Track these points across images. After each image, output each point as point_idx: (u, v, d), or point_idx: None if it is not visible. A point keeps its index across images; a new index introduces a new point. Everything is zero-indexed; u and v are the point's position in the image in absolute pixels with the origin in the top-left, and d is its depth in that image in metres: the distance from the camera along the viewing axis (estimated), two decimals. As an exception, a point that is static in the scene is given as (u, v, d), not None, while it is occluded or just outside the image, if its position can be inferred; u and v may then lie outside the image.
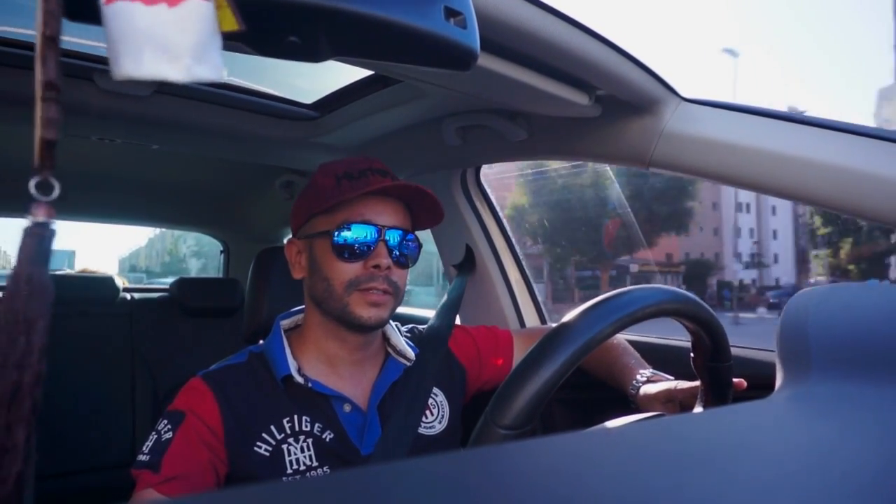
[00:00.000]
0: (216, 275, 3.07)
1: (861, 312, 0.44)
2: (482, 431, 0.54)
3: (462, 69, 0.54)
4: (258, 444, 0.84)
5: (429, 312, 1.93)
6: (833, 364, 0.42)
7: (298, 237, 0.95)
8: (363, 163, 0.91)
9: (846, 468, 0.28)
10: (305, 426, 0.86)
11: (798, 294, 0.49)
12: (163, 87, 1.21)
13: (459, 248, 1.52)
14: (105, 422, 1.86)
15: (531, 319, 1.50)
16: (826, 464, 0.29)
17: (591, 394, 1.14)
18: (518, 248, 1.53)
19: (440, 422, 0.98)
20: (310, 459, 0.85)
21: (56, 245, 0.28)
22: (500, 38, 0.75)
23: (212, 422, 0.83)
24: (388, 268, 0.87)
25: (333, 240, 0.86)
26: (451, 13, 0.50)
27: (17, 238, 0.28)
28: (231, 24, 0.35)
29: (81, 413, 1.83)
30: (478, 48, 0.52)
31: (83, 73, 1.11)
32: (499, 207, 1.55)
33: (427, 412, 0.96)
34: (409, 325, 1.09)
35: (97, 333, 1.96)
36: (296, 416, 0.87)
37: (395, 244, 0.89)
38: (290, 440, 0.85)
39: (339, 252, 0.86)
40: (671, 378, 0.97)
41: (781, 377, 0.45)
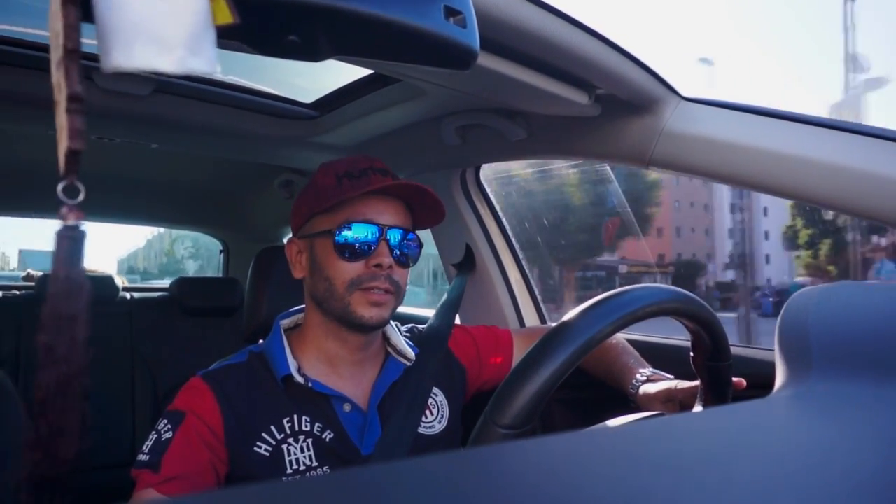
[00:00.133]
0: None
1: (861, 311, 0.44)
2: (482, 431, 0.54)
3: (462, 68, 0.54)
4: (258, 444, 0.84)
5: (423, 311, 1.93)
6: (833, 363, 0.42)
7: (299, 237, 0.94)
8: (364, 162, 0.91)
9: (846, 467, 0.28)
10: (305, 426, 0.86)
11: (798, 293, 0.49)
12: (162, 87, 1.20)
13: (459, 248, 1.52)
14: (105, 421, 1.86)
15: (531, 319, 1.50)
16: (826, 463, 0.29)
17: (591, 393, 1.14)
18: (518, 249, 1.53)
19: (440, 422, 0.98)
20: (310, 459, 0.85)
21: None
22: (500, 38, 0.75)
23: (212, 421, 0.83)
24: (390, 267, 0.87)
25: (335, 239, 0.86)
26: (451, 12, 0.50)
27: (52, 241, 0.29)
28: (226, 17, 0.34)
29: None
30: (477, 47, 0.52)
31: (82, 73, 1.11)
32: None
33: (427, 412, 0.96)
34: (409, 325, 1.09)
35: (96, 333, 1.91)
36: (296, 416, 0.86)
37: (397, 243, 0.89)
38: (290, 440, 0.85)
39: (341, 251, 0.86)
40: (671, 377, 0.97)
41: (781, 376, 0.45)
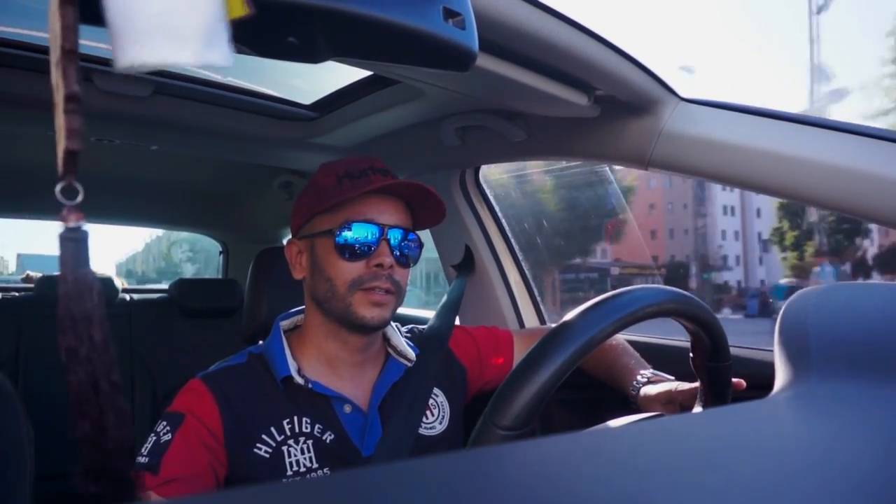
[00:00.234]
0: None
1: (861, 312, 0.44)
2: (481, 432, 0.54)
3: (461, 70, 0.54)
4: (258, 446, 0.84)
5: (420, 312, 1.92)
6: (832, 364, 0.42)
7: (299, 237, 0.94)
8: (364, 162, 0.91)
9: (845, 468, 0.28)
10: (306, 427, 0.86)
11: (798, 293, 0.49)
12: (162, 88, 1.20)
13: (458, 249, 1.52)
14: None
15: (530, 320, 1.50)
16: (825, 463, 0.29)
17: (591, 394, 1.14)
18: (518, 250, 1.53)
19: (441, 422, 0.98)
20: (310, 461, 0.85)
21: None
22: (499, 39, 0.75)
23: (211, 423, 0.82)
24: (391, 267, 0.86)
25: (335, 239, 0.86)
26: (450, 14, 0.50)
27: (56, 245, 0.29)
28: (240, 10, 0.34)
29: None
30: (476, 49, 0.52)
31: (82, 74, 1.10)
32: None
33: (428, 413, 0.96)
34: (409, 326, 1.09)
35: None
36: (296, 418, 0.86)
37: (397, 243, 0.88)
38: (291, 441, 0.85)
39: (342, 251, 0.86)
40: (672, 378, 0.96)
41: (781, 377, 0.45)
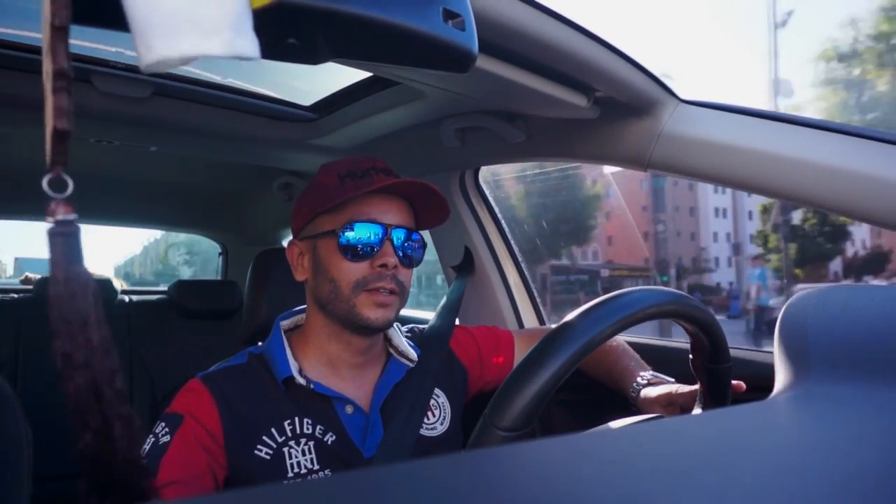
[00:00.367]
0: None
1: (860, 314, 0.44)
2: (481, 433, 0.54)
3: (460, 71, 0.54)
4: (258, 448, 0.83)
5: (417, 313, 1.92)
6: (832, 365, 0.42)
7: (300, 238, 0.93)
8: (366, 162, 0.90)
9: (845, 469, 0.28)
10: (307, 428, 0.86)
11: (797, 295, 0.49)
12: (161, 90, 1.20)
13: (458, 250, 1.52)
14: None
15: (530, 321, 1.50)
16: (825, 465, 0.29)
17: (591, 395, 1.14)
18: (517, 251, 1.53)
19: (442, 423, 0.97)
20: (311, 463, 0.84)
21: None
22: (499, 40, 0.75)
23: (210, 425, 0.82)
24: (395, 267, 0.86)
25: (339, 240, 0.85)
26: (450, 15, 0.50)
27: (45, 243, 0.27)
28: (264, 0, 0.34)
29: None
30: (476, 50, 0.52)
31: (81, 76, 1.10)
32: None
33: (429, 413, 0.96)
34: (409, 326, 1.09)
35: None
36: (297, 419, 0.86)
37: (401, 243, 0.88)
38: (292, 443, 0.84)
39: (345, 252, 0.85)
40: (672, 380, 0.96)
41: (780, 378, 0.45)
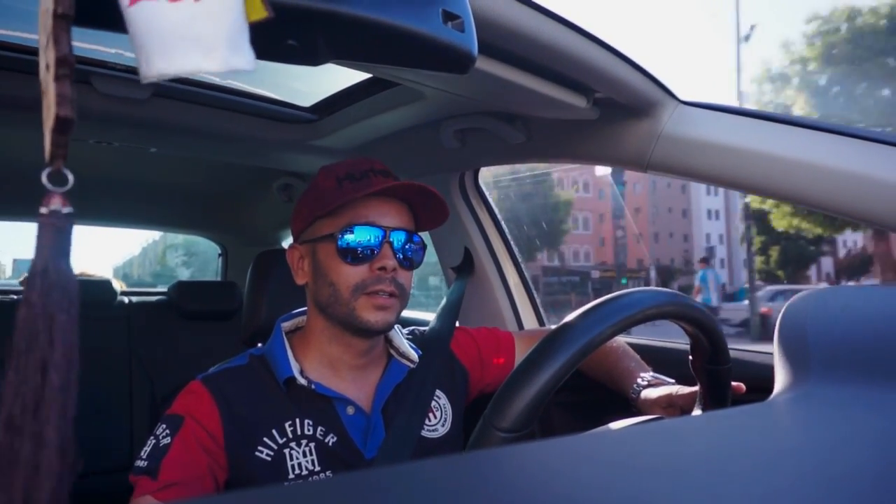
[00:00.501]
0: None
1: (859, 315, 0.44)
2: (481, 434, 0.54)
3: (460, 72, 0.54)
4: (259, 449, 0.83)
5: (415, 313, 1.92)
6: (831, 366, 0.42)
7: (300, 242, 0.93)
8: (364, 164, 0.90)
9: (845, 471, 0.28)
10: (308, 430, 0.85)
11: (797, 296, 0.49)
12: (161, 91, 1.20)
13: (458, 251, 1.52)
14: (102, 426, 1.85)
15: (530, 322, 1.49)
16: (824, 466, 0.29)
17: (591, 396, 1.14)
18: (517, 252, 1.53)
19: (443, 424, 0.97)
20: (312, 464, 0.84)
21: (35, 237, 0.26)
22: (498, 42, 0.75)
23: (211, 426, 0.82)
24: (394, 269, 0.86)
25: (338, 243, 0.85)
26: (450, 16, 0.50)
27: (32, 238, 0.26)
28: (259, 13, 0.34)
29: (78, 417, 1.80)
30: (476, 51, 0.52)
31: (81, 77, 1.10)
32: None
33: (430, 415, 0.95)
34: (410, 328, 1.09)
35: (94, 337, 1.95)
36: (297, 420, 0.85)
37: (400, 246, 0.88)
38: (292, 444, 0.84)
39: (344, 255, 0.85)
40: (672, 381, 0.96)
41: (780, 380, 0.45)
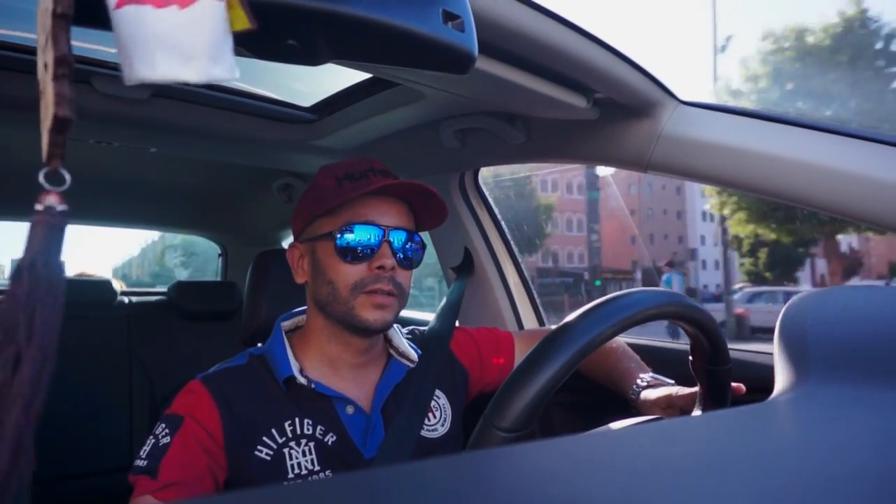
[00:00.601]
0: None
1: (859, 315, 0.44)
2: (481, 434, 0.54)
3: (460, 72, 0.54)
4: (259, 449, 0.83)
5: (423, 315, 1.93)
6: (832, 367, 0.42)
7: (300, 241, 0.93)
8: (364, 163, 0.90)
9: (845, 471, 0.28)
10: (307, 429, 0.85)
11: (796, 297, 0.49)
12: (161, 91, 1.20)
13: (458, 251, 1.52)
14: (102, 426, 1.85)
15: (529, 323, 1.49)
16: (824, 467, 0.29)
17: (590, 397, 1.14)
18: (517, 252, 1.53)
19: (443, 424, 0.97)
20: (312, 464, 0.84)
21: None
22: (499, 42, 0.75)
23: (210, 426, 0.82)
24: (393, 268, 0.86)
25: (336, 242, 0.85)
26: (450, 16, 0.50)
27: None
28: (243, 23, 0.34)
29: (78, 417, 1.82)
30: (476, 51, 0.52)
31: (81, 77, 1.10)
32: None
33: (430, 414, 0.95)
34: (410, 327, 1.09)
35: (94, 337, 1.95)
36: (297, 419, 0.85)
37: (400, 245, 0.88)
38: (292, 444, 0.84)
39: (343, 254, 0.85)
40: (671, 382, 0.96)
41: (780, 380, 0.45)
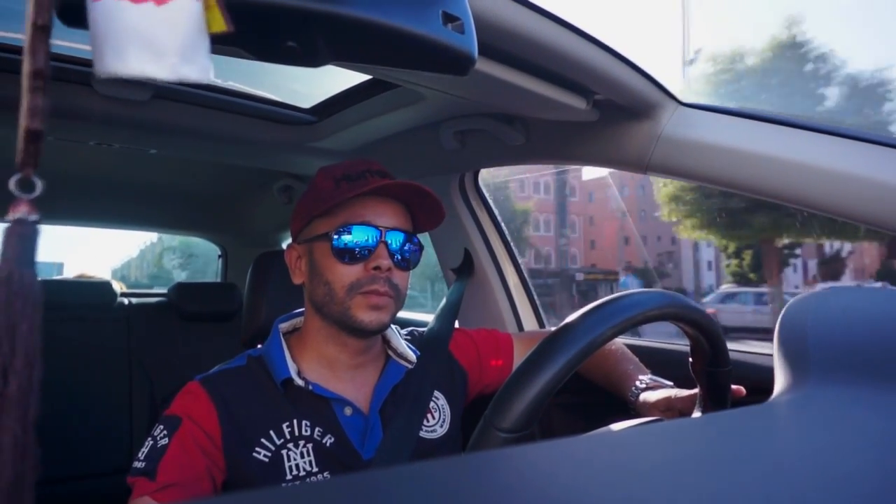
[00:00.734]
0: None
1: (859, 316, 0.44)
2: (481, 434, 0.54)
3: (460, 74, 0.54)
4: (257, 450, 0.83)
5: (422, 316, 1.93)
6: (831, 368, 0.42)
7: (298, 242, 0.94)
8: (362, 165, 0.91)
9: (845, 472, 0.28)
10: (305, 430, 0.85)
11: (796, 298, 0.49)
12: (161, 92, 1.20)
13: (458, 252, 1.52)
14: (102, 427, 1.85)
15: (529, 324, 1.49)
16: (824, 468, 0.29)
17: (591, 398, 1.14)
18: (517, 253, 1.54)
19: (442, 425, 0.97)
20: (310, 465, 0.84)
21: (44, 257, 0.27)
22: (498, 43, 0.75)
23: (209, 427, 0.82)
24: (389, 269, 0.86)
25: (333, 242, 0.85)
26: (449, 18, 0.50)
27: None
28: (219, 26, 0.34)
29: (78, 418, 1.82)
30: (475, 53, 0.52)
31: (81, 79, 1.11)
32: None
33: (429, 416, 0.95)
34: (409, 329, 1.09)
35: (94, 338, 1.95)
36: (295, 421, 0.86)
37: (397, 247, 0.88)
38: (290, 445, 0.84)
39: (340, 255, 0.86)
40: (670, 383, 0.96)
41: (780, 381, 0.45)
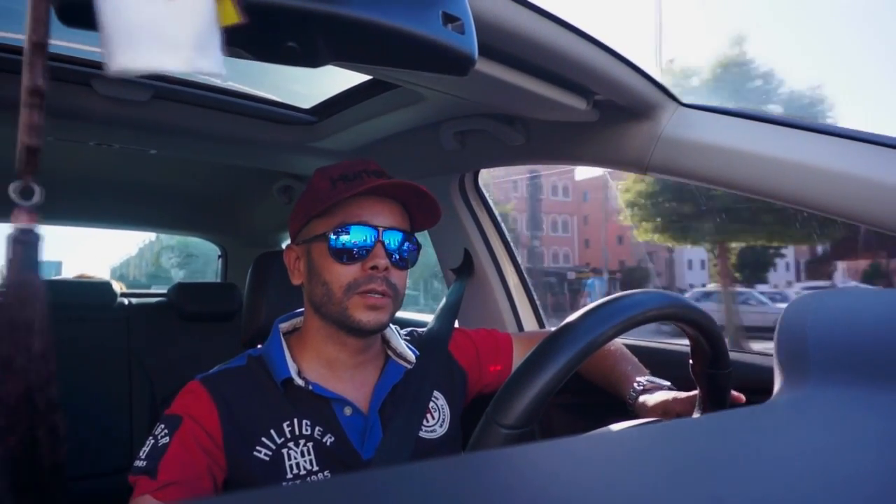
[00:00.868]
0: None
1: (860, 317, 0.44)
2: (483, 430, 0.54)
3: (460, 74, 0.54)
4: (258, 449, 0.83)
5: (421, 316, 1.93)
6: (832, 369, 0.42)
7: (297, 242, 0.94)
8: (359, 165, 0.91)
9: (844, 474, 0.28)
10: (306, 430, 0.86)
11: (796, 298, 0.49)
12: (161, 93, 1.20)
13: (458, 253, 1.52)
14: (102, 427, 1.85)
15: (529, 324, 1.50)
16: (824, 469, 0.29)
17: (590, 398, 1.14)
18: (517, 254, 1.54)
19: (441, 425, 0.97)
20: (310, 464, 0.84)
21: (42, 256, 0.29)
22: (498, 43, 0.75)
23: (210, 426, 0.82)
24: (387, 269, 0.86)
25: (330, 242, 0.86)
26: (450, 18, 0.50)
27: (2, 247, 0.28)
28: (232, 18, 0.34)
29: (78, 418, 1.82)
30: (475, 53, 0.52)
31: (81, 79, 1.11)
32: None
33: (428, 416, 0.96)
34: (408, 329, 1.09)
35: (94, 338, 1.95)
36: (296, 420, 0.86)
37: (394, 246, 0.88)
38: (290, 444, 0.84)
39: (337, 255, 0.86)
40: (668, 384, 0.96)
41: (780, 382, 0.45)
